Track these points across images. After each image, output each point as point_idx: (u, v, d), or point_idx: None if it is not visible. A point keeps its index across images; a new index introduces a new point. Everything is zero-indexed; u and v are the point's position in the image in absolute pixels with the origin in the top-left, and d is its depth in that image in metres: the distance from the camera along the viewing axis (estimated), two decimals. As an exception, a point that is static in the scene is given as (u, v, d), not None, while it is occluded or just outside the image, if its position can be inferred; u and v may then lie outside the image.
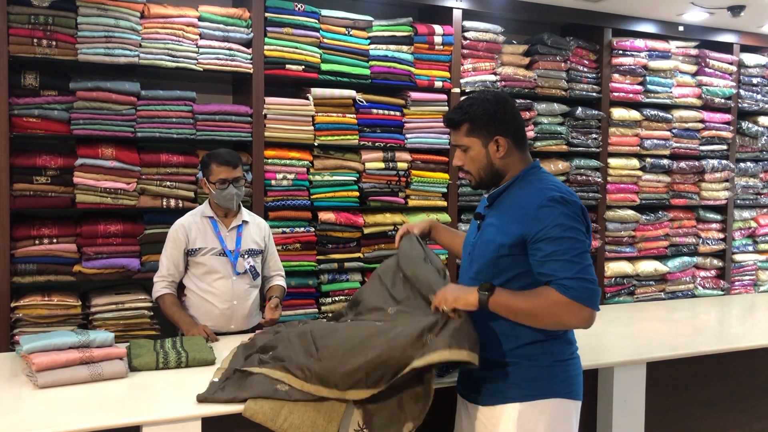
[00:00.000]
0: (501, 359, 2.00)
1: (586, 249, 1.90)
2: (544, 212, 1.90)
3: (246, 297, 3.07)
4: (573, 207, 1.92)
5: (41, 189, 3.33)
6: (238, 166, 3.01)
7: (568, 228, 1.88)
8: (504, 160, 2.03)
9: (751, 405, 3.14)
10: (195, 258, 3.02)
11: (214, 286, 3.01)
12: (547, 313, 1.88)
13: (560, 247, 1.87)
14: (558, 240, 1.87)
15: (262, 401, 2.06)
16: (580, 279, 1.84)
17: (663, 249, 4.95)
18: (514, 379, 1.98)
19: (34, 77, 3.31)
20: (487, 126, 2.01)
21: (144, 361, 2.42)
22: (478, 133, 2.02)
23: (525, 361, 1.98)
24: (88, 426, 1.92)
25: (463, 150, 2.06)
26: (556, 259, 1.86)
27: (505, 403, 1.99)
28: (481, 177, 2.06)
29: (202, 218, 3.06)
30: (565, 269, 1.85)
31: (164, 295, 3.01)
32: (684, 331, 3.41)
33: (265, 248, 3.18)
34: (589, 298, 1.85)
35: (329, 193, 3.90)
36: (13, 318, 3.25)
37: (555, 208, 1.90)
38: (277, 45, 3.73)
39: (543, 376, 1.98)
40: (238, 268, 3.03)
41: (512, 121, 2.04)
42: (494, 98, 2.04)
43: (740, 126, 5.23)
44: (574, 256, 1.86)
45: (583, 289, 1.84)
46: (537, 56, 4.44)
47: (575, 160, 4.57)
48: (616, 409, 2.69)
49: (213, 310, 3.01)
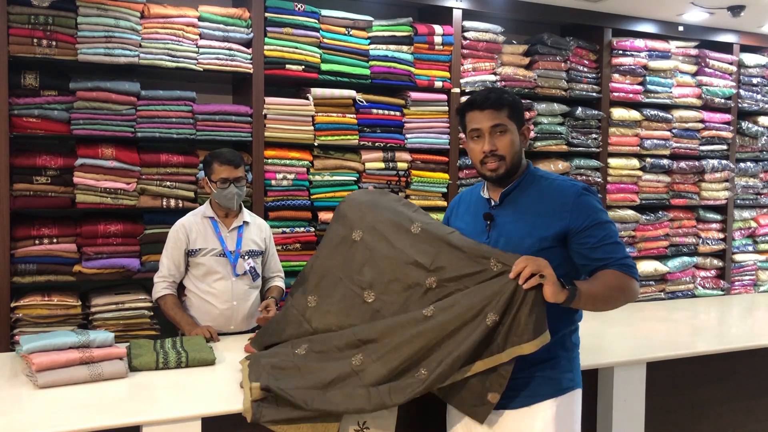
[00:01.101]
0: (540, 356, 1.93)
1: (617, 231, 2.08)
2: (583, 202, 1.99)
3: (246, 298, 3.06)
4: (595, 195, 2.06)
5: (41, 189, 3.33)
6: (240, 166, 3.00)
7: (603, 212, 2.03)
8: (521, 152, 2.09)
9: (751, 405, 3.14)
10: (195, 258, 3.02)
11: (213, 287, 3.01)
12: (622, 294, 1.96)
13: (607, 231, 1.99)
14: (604, 225, 1.99)
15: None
16: (630, 258, 2.00)
17: (663, 249, 4.95)
18: (554, 374, 1.99)
19: (34, 77, 3.31)
20: (521, 113, 2.08)
21: (144, 361, 2.43)
22: (516, 117, 2.06)
23: (563, 353, 2.03)
24: (88, 426, 1.92)
25: (500, 131, 2.02)
26: (608, 242, 1.97)
27: (542, 401, 1.97)
28: (513, 163, 2.04)
29: (203, 219, 3.06)
30: (619, 251, 1.99)
31: (165, 295, 3.00)
32: (684, 331, 3.41)
33: (265, 249, 3.18)
34: (637, 274, 2.01)
35: (329, 193, 3.90)
36: (13, 318, 3.25)
37: (590, 197, 2.01)
38: (277, 45, 3.73)
39: (574, 367, 2.05)
40: (238, 269, 3.03)
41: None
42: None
43: (740, 126, 5.23)
44: (617, 239, 2.01)
45: (635, 268, 2.00)
46: (537, 56, 4.44)
47: (575, 160, 4.57)
48: (616, 409, 2.69)
49: (213, 310, 3.01)
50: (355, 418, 2.14)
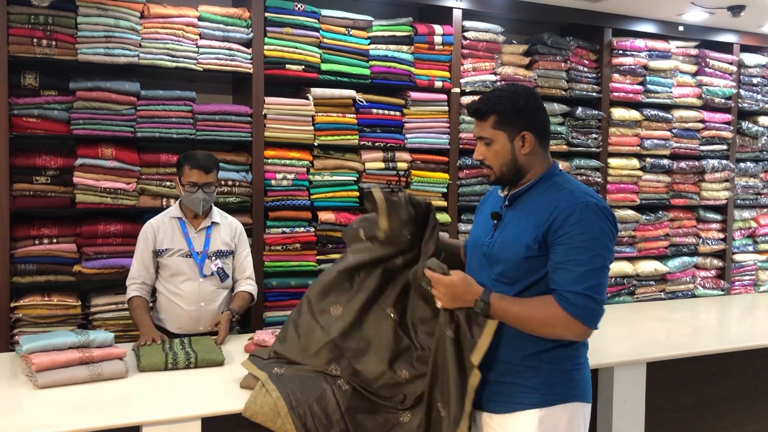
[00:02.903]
0: (522, 362, 1.92)
1: (605, 264, 1.84)
2: (575, 217, 1.84)
3: (213, 299, 3.00)
4: (606, 217, 1.85)
5: (41, 189, 3.33)
6: (211, 172, 2.93)
7: (593, 239, 1.82)
8: (528, 157, 1.96)
9: (751, 405, 3.14)
10: (162, 259, 2.97)
11: (180, 288, 2.96)
12: (543, 324, 1.85)
13: (578, 257, 1.81)
14: (578, 249, 1.82)
15: (262, 401, 2.06)
16: (587, 297, 1.80)
17: (663, 249, 4.95)
18: (535, 384, 1.90)
19: (34, 77, 3.31)
20: (515, 120, 1.94)
21: (153, 362, 2.41)
22: (504, 126, 1.95)
23: (546, 365, 1.91)
24: (88, 426, 1.92)
25: (486, 143, 1.98)
26: (570, 269, 1.81)
27: (524, 409, 1.91)
28: (502, 173, 1.98)
29: (171, 219, 3.01)
30: (574, 283, 1.80)
31: (132, 297, 2.94)
32: (684, 331, 3.41)
33: (234, 248, 3.11)
34: (589, 317, 1.82)
35: (329, 193, 3.90)
36: (13, 318, 3.25)
37: (587, 215, 1.83)
38: (277, 45, 3.73)
39: (563, 380, 1.92)
40: (205, 270, 2.97)
41: (540, 118, 1.98)
42: (524, 92, 1.98)
43: (740, 126, 5.23)
44: (589, 270, 1.80)
45: (585, 308, 1.81)
46: (537, 56, 4.44)
47: (575, 160, 4.57)
48: (616, 409, 2.69)
49: (180, 312, 2.96)
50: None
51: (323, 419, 2.04)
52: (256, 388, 2.13)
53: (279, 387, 2.09)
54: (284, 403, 2.04)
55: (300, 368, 2.19)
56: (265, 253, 3.71)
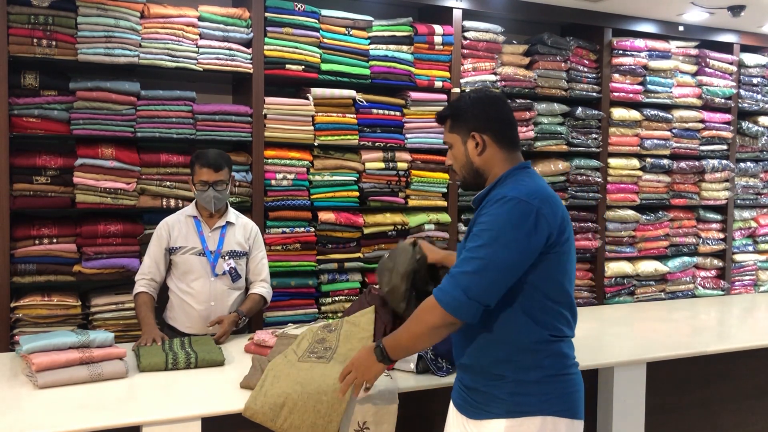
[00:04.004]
0: (491, 369, 1.88)
1: (496, 261, 1.75)
2: (487, 209, 1.81)
3: (224, 299, 3.01)
4: (522, 210, 1.77)
5: (41, 189, 3.33)
6: (221, 170, 2.95)
7: (489, 230, 1.77)
8: (483, 159, 1.93)
9: (751, 405, 3.14)
10: (175, 257, 2.98)
11: (191, 287, 2.97)
12: (417, 322, 1.86)
13: (470, 243, 1.81)
14: (473, 237, 1.82)
15: (262, 401, 2.06)
16: (456, 283, 1.78)
17: (663, 249, 4.95)
18: (501, 393, 1.85)
19: (34, 77, 3.31)
20: (466, 122, 1.93)
21: (153, 362, 2.41)
22: (458, 129, 1.95)
23: (510, 374, 1.85)
24: (88, 426, 1.92)
25: (449, 148, 2.00)
26: (462, 260, 1.80)
27: (490, 418, 1.87)
28: (464, 176, 1.99)
29: (187, 217, 3.03)
30: (456, 275, 1.79)
31: (139, 293, 2.95)
32: (684, 331, 3.41)
33: (249, 250, 3.12)
34: (450, 303, 1.78)
35: (329, 193, 3.90)
36: (13, 318, 3.25)
37: (498, 208, 1.79)
38: (277, 45, 3.73)
39: (531, 392, 1.84)
40: (217, 269, 2.98)
41: (494, 119, 1.93)
42: (477, 95, 1.97)
43: (740, 126, 5.23)
44: (471, 257, 1.77)
45: (451, 299, 1.77)
46: (537, 56, 4.44)
47: (575, 160, 4.57)
48: (616, 409, 2.69)
49: (191, 311, 2.97)
50: (355, 418, 2.14)
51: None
52: (256, 388, 2.13)
53: (279, 387, 2.09)
54: (284, 402, 2.05)
55: (299, 368, 2.20)
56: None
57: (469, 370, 1.95)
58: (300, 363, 2.28)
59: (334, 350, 2.37)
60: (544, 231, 1.79)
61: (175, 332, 3.00)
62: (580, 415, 1.92)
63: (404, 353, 1.94)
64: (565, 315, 1.89)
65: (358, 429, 2.15)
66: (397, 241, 2.60)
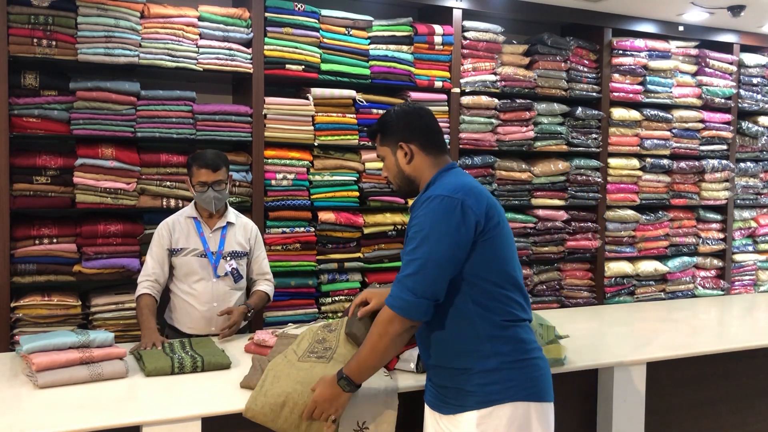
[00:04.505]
0: (453, 365, 1.95)
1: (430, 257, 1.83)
2: (417, 211, 1.91)
3: (226, 299, 3.00)
4: (447, 206, 1.86)
5: (41, 189, 3.33)
6: (219, 170, 2.93)
7: (421, 230, 1.86)
8: (412, 166, 2.05)
9: (751, 405, 3.14)
10: (177, 258, 2.98)
11: (194, 288, 2.97)
12: (377, 335, 1.90)
13: (406, 247, 1.90)
14: (409, 240, 1.90)
15: (262, 401, 2.06)
16: (403, 286, 1.85)
17: (663, 249, 4.95)
18: (469, 386, 1.91)
19: (34, 77, 3.31)
20: (393, 134, 2.06)
21: (159, 366, 2.39)
22: (387, 141, 2.09)
23: (474, 365, 1.91)
24: (88, 426, 1.92)
25: (381, 160, 2.13)
26: (403, 265, 1.89)
27: (461, 412, 1.92)
28: (398, 184, 2.11)
29: (187, 219, 3.02)
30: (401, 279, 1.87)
31: (142, 294, 2.92)
32: (684, 331, 3.41)
33: (250, 250, 3.12)
34: (403, 307, 1.85)
35: (329, 193, 3.90)
36: (13, 318, 3.25)
37: (426, 207, 1.89)
38: (277, 45, 3.73)
39: (495, 380, 1.90)
40: (219, 270, 2.98)
41: (419, 128, 2.06)
42: (402, 108, 2.11)
43: (740, 126, 5.23)
44: (411, 260, 1.86)
45: (399, 298, 1.85)
46: (537, 56, 4.44)
47: (575, 160, 4.57)
48: (616, 409, 2.69)
49: (193, 312, 2.97)
50: (355, 418, 2.14)
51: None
52: (256, 388, 2.13)
53: (279, 387, 2.09)
54: (284, 402, 2.05)
55: (299, 368, 2.20)
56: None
57: (437, 369, 2.00)
58: (300, 363, 2.28)
59: (334, 350, 2.37)
60: (472, 221, 1.87)
61: (178, 333, 3.00)
62: (550, 397, 1.98)
63: (370, 373, 1.98)
64: (515, 299, 1.95)
65: (357, 429, 2.15)
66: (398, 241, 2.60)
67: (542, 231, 4.47)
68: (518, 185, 4.42)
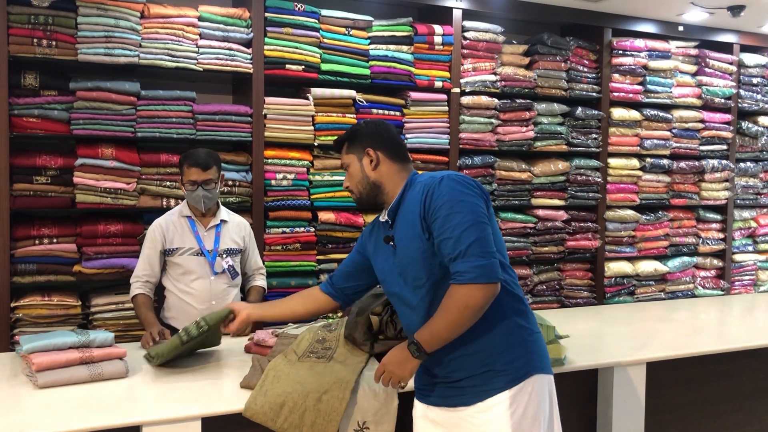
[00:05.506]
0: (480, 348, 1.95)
1: (477, 220, 1.88)
2: (438, 191, 1.93)
3: (224, 297, 3.01)
4: (467, 182, 1.95)
5: (41, 189, 3.33)
6: (209, 169, 2.92)
7: (458, 202, 1.90)
8: (378, 172, 2.10)
9: (751, 405, 3.14)
10: (172, 258, 2.97)
11: (191, 287, 2.97)
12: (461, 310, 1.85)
13: (450, 223, 1.88)
14: (449, 216, 1.89)
15: (262, 401, 2.06)
16: (471, 256, 1.84)
17: (663, 249, 4.95)
18: (498, 365, 1.94)
19: (34, 77, 3.31)
20: (360, 141, 2.13)
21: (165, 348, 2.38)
22: (353, 149, 2.14)
23: (503, 341, 1.95)
24: (88, 426, 1.92)
25: (346, 169, 2.17)
26: (448, 236, 1.87)
27: (491, 396, 1.93)
28: (360, 192, 2.13)
29: (180, 218, 3.01)
30: (455, 247, 1.86)
31: (137, 295, 2.94)
32: (684, 331, 3.41)
33: (245, 247, 3.13)
34: (483, 274, 1.84)
35: (329, 193, 3.90)
36: (13, 318, 3.26)
37: (446, 184, 1.93)
38: (277, 45, 3.73)
39: (520, 354, 1.96)
40: (216, 268, 2.98)
41: (386, 137, 2.13)
42: (369, 121, 2.24)
43: (740, 126, 5.23)
44: (464, 231, 1.86)
45: (477, 269, 1.84)
46: (537, 56, 4.44)
47: (575, 160, 4.57)
48: (616, 409, 2.69)
49: (191, 310, 2.96)
50: (355, 418, 2.14)
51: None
52: (256, 387, 2.13)
53: (279, 387, 2.09)
54: (284, 402, 2.05)
55: (299, 368, 2.20)
56: (265, 253, 3.71)
57: (458, 360, 1.97)
58: (300, 363, 2.28)
59: (334, 350, 2.38)
60: (482, 193, 1.97)
61: (174, 331, 3.00)
62: (552, 370, 2.08)
63: (441, 344, 1.94)
64: (513, 276, 2.05)
65: (358, 429, 2.15)
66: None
67: (542, 231, 4.47)
68: (518, 185, 4.42)
